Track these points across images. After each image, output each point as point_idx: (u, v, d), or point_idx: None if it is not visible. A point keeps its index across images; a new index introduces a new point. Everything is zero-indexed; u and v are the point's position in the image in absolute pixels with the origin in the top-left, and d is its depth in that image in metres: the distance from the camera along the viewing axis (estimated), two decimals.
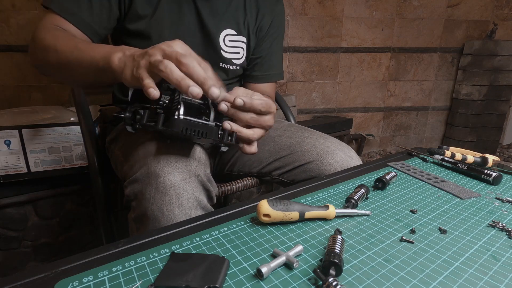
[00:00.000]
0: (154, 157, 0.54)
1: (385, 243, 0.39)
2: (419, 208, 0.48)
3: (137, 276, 0.33)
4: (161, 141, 0.59)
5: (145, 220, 0.53)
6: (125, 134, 0.72)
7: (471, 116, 2.34)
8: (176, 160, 0.54)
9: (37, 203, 1.09)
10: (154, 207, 0.52)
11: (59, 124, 1.06)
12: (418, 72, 2.42)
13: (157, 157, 0.54)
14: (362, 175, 0.62)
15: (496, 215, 0.46)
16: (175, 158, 0.55)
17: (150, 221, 0.52)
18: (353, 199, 0.47)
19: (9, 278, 0.32)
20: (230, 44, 0.78)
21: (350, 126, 2.20)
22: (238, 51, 0.79)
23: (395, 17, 2.28)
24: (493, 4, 2.31)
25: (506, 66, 2.23)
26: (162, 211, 0.51)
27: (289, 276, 0.33)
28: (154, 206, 0.52)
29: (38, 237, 1.12)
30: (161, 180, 0.52)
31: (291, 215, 0.42)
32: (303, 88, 2.32)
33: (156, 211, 0.51)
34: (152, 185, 0.52)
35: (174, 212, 0.51)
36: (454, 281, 0.32)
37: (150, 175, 0.53)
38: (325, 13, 2.17)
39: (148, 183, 0.53)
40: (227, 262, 0.34)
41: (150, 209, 0.52)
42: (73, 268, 0.34)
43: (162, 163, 0.53)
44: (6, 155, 1.01)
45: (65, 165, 1.09)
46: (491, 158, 0.66)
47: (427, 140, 2.60)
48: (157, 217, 0.51)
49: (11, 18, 1.53)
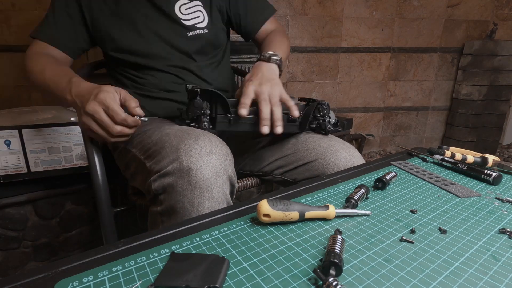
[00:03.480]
0: (184, 151, 0.55)
1: (385, 243, 0.39)
2: (419, 208, 0.48)
3: (137, 276, 0.33)
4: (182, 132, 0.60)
5: (173, 213, 0.54)
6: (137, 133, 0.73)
7: (471, 116, 2.34)
8: (206, 154, 0.55)
9: (37, 203, 1.09)
10: (185, 200, 0.53)
11: (59, 124, 1.05)
12: (418, 72, 2.42)
13: (187, 151, 0.55)
14: (362, 175, 0.62)
15: (496, 215, 0.46)
16: (205, 152, 0.56)
17: (178, 214, 0.54)
18: (353, 199, 0.47)
19: (9, 278, 0.32)
20: (186, 12, 0.82)
21: (350, 126, 2.20)
22: (197, 15, 0.83)
23: (395, 17, 2.28)
24: (493, 4, 2.31)
25: (506, 66, 2.22)
26: (193, 204, 0.53)
27: (289, 276, 0.33)
28: (185, 199, 0.53)
29: (38, 237, 1.12)
30: (193, 173, 0.53)
31: (291, 215, 0.42)
32: (303, 88, 2.32)
33: (186, 204, 0.53)
34: (184, 178, 0.53)
35: (204, 205, 0.53)
36: (454, 281, 0.32)
37: (182, 168, 0.54)
38: (325, 13, 2.18)
39: (180, 177, 0.54)
40: (227, 262, 0.34)
41: (180, 202, 0.53)
42: (73, 268, 0.34)
43: (194, 157, 0.54)
44: (6, 155, 1.01)
45: (65, 165, 1.09)
46: (491, 158, 0.66)
47: (427, 140, 2.60)
48: (187, 210, 0.53)
49: (11, 18, 1.53)
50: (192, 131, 0.60)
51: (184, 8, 0.82)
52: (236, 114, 0.65)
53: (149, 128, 0.70)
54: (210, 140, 0.58)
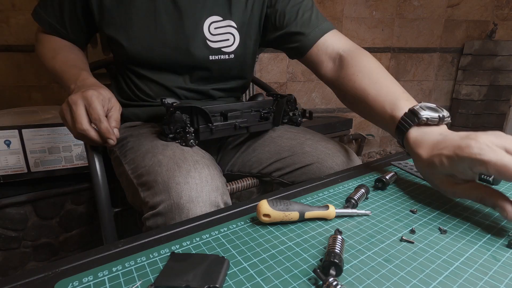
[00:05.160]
0: (175, 191, 0.55)
1: (385, 243, 0.39)
2: (419, 208, 0.48)
3: (137, 276, 0.33)
4: (173, 164, 0.59)
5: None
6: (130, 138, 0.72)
7: (471, 116, 2.34)
8: (197, 195, 0.55)
9: (37, 203, 1.09)
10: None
11: (59, 124, 1.06)
12: (418, 72, 2.42)
13: (177, 191, 0.55)
14: (362, 175, 0.62)
15: (496, 215, 0.46)
16: (196, 192, 0.55)
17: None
18: (353, 199, 0.47)
19: (9, 278, 0.32)
20: (216, 32, 0.72)
21: (350, 126, 2.20)
22: (227, 38, 0.73)
23: (395, 17, 2.28)
24: (493, 4, 2.31)
25: (506, 66, 2.23)
26: None
27: (289, 276, 0.33)
28: None
29: (38, 237, 1.12)
30: (184, 212, 0.53)
31: (291, 215, 0.42)
32: (303, 88, 2.32)
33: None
34: (175, 219, 0.54)
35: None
36: (454, 281, 0.32)
37: (173, 209, 0.54)
38: (325, 13, 2.18)
39: (171, 218, 0.54)
40: (227, 262, 0.34)
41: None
42: (73, 268, 0.34)
43: (184, 199, 0.54)
44: (6, 155, 1.01)
45: (65, 165, 1.09)
46: None
47: None
48: None
49: (11, 18, 1.53)
50: (183, 162, 0.58)
51: (213, 27, 0.72)
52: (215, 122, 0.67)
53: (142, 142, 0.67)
54: (201, 176, 0.57)
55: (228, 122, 0.69)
